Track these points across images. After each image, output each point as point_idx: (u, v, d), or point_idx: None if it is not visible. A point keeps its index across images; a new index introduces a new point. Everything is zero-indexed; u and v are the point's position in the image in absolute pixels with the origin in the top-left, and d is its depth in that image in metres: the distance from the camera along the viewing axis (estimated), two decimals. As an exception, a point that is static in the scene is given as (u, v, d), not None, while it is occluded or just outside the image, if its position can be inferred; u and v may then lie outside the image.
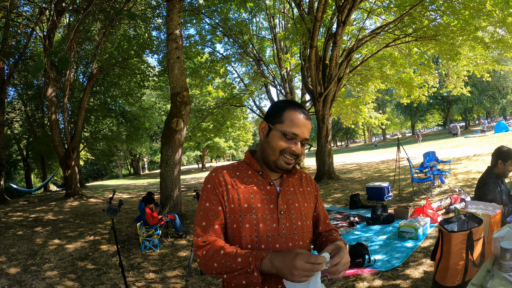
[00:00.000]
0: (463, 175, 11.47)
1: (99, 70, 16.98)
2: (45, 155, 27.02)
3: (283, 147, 1.52)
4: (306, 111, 1.59)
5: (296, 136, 1.52)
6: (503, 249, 2.07)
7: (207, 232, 1.46)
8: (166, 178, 9.84)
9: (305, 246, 1.56)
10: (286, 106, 1.57)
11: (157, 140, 51.24)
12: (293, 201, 1.58)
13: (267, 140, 1.57)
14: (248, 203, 1.49)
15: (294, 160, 1.55)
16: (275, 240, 1.47)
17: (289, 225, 1.51)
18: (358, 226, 7.40)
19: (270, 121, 1.58)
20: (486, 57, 16.19)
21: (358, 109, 23.07)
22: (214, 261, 1.38)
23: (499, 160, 3.82)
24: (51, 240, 8.14)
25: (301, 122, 1.53)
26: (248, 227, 1.47)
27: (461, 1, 12.26)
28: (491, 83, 47.05)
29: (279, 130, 1.52)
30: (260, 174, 1.58)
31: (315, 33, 13.34)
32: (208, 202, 1.51)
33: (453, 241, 2.57)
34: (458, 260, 2.57)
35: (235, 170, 1.59)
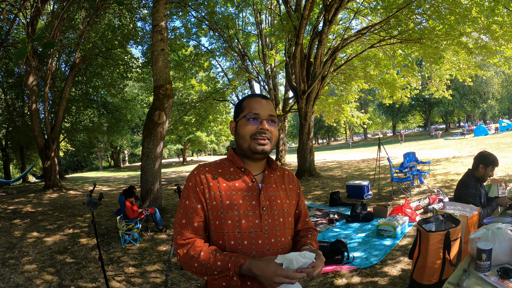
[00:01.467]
0: (442, 176, 11.68)
1: (82, 59, 16.72)
2: (25, 145, 26.55)
3: (251, 131, 1.55)
4: (264, 95, 1.65)
5: (258, 115, 1.56)
6: (479, 249, 2.14)
7: (187, 230, 1.49)
8: (146, 171, 9.77)
9: (287, 242, 1.58)
10: (244, 98, 1.65)
11: (138, 133, 50.79)
12: (275, 198, 1.59)
13: (237, 133, 1.61)
14: (230, 200, 1.51)
15: (267, 141, 1.57)
16: (258, 236, 1.49)
17: (271, 221, 1.53)
18: (338, 223, 7.49)
19: (235, 118, 1.65)
20: (469, 62, 16.48)
21: (341, 108, 23.27)
22: (195, 261, 1.42)
23: (481, 164, 3.94)
24: (29, 233, 8.01)
25: (259, 102, 1.59)
26: (230, 223, 1.49)
27: (447, 6, 12.42)
28: (473, 87, 47.99)
29: (242, 117, 1.58)
30: (242, 171, 1.59)
31: (301, 30, 13.38)
32: (188, 200, 1.53)
33: (430, 240, 2.64)
34: (435, 259, 2.64)
35: (217, 168, 1.61)
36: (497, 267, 2.14)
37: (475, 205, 3.64)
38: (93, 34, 17.67)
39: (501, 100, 57.07)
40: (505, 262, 2.21)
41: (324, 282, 4.53)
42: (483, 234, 2.32)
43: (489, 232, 2.31)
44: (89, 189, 18.16)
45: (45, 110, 16.43)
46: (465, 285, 2.02)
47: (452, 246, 2.65)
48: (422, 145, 29.52)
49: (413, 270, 2.88)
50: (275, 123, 1.61)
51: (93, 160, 57.81)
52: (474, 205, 3.63)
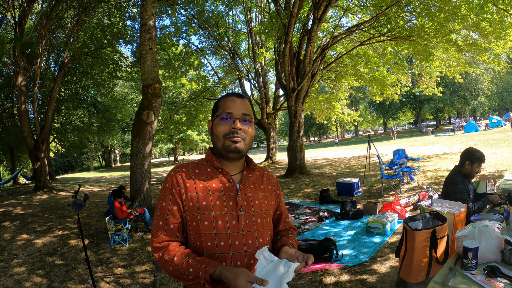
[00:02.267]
0: (432, 173, 11.75)
1: (71, 59, 16.58)
2: (14, 146, 26.29)
3: (224, 130, 1.56)
4: (239, 94, 1.65)
5: (231, 114, 1.56)
6: (465, 248, 2.13)
7: (163, 232, 1.50)
8: (136, 171, 9.72)
9: (265, 243, 1.57)
10: (220, 98, 1.66)
11: (129, 132, 50.42)
12: (253, 198, 1.58)
13: (212, 133, 1.61)
14: (206, 200, 1.51)
15: (240, 138, 1.56)
16: (235, 237, 1.49)
17: (249, 222, 1.53)
18: (327, 221, 7.50)
19: (212, 117, 1.65)
20: (459, 59, 16.56)
21: (331, 105, 23.33)
22: (169, 265, 1.43)
23: (467, 161, 3.97)
24: (19, 235, 7.94)
25: (232, 101, 1.59)
26: (207, 224, 1.48)
27: (436, 4, 12.48)
28: (463, 84, 48.29)
29: (217, 115, 1.58)
30: (219, 171, 1.59)
31: (290, 28, 13.39)
32: (164, 202, 1.54)
33: (416, 238, 2.64)
34: (421, 257, 2.64)
35: (195, 168, 1.60)
36: (484, 266, 2.14)
37: (463, 201, 3.66)
38: (82, 33, 17.53)
39: (491, 97, 57.55)
40: (492, 260, 2.22)
41: (313, 280, 4.54)
42: (470, 232, 2.32)
43: (476, 230, 2.31)
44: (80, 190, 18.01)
45: (34, 111, 16.27)
46: (451, 284, 2.02)
47: (439, 244, 2.65)
48: (413, 142, 29.72)
49: (399, 268, 2.89)
50: (250, 123, 1.61)
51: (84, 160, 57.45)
52: (463, 200, 3.64)
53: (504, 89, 57.06)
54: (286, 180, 14.43)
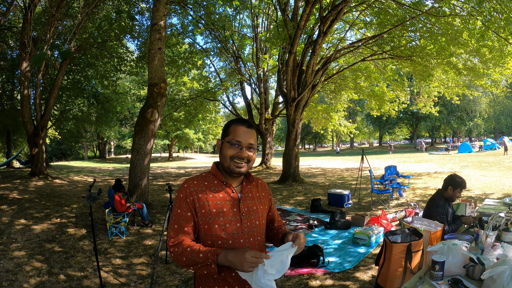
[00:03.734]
0: (421, 191, 12.06)
1: (77, 49, 16.79)
2: (12, 129, 26.35)
3: (231, 154, 1.88)
4: (249, 123, 1.97)
5: (240, 143, 1.88)
6: (434, 261, 2.49)
7: (178, 234, 1.82)
8: (136, 166, 9.98)
9: (262, 239, 1.97)
10: (232, 122, 1.96)
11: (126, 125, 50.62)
12: (252, 205, 1.96)
13: (221, 152, 1.94)
14: (216, 208, 1.85)
15: (244, 164, 1.90)
16: (239, 237, 1.85)
17: (250, 224, 1.90)
18: (317, 229, 7.82)
19: (222, 137, 1.97)
20: (458, 81, 16.92)
21: (329, 116, 23.65)
22: (183, 256, 1.74)
23: (450, 186, 4.34)
24: (17, 220, 8.17)
25: (243, 131, 1.90)
26: (217, 227, 1.83)
27: (439, 27, 12.81)
28: (461, 105, 48.75)
29: (226, 141, 1.90)
30: (224, 184, 1.94)
31: (296, 40, 13.69)
32: (179, 209, 1.86)
33: (394, 250, 2.99)
34: (397, 267, 2.99)
35: (204, 181, 1.94)
36: (449, 278, 2.49)
37: (442, 222, 4.00)
38: (90, 24, 17.71)
39: (487, 119, 58.03)
40: (456, 274, 2.57)
41: (299, 283, 4.85)
42: (440, 248, 2.67)
43: (445, 247, 2.66)
44: (74, 179, 18.24)
45: (36, 97, 16.46)
46: (418, 290, 2.37)
47: (414, 257, 2.99)
48: (406, 158, 30.11)
49: (378, 275, 3.23)
50: (254, 149, 1.94)
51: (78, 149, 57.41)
52: (441, 222, 3.99)
53: (501, 113, 57.47)
54: (279, 186, 14.71)
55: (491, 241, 3.05)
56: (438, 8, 11.88)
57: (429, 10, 11.92)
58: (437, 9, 11.89)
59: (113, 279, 5.11)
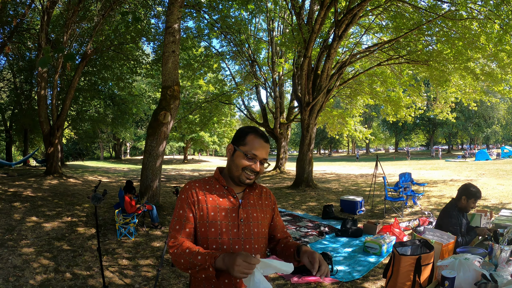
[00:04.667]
0: (436, 199, 11.82)
1: (94, 51, 16.98)
2: (29, 128, 26.79)
3: (244, 165, 1.83)
4: (266, 136, 1.93)
5: (256, 157, 1.83)
6: (443, 276, 2.36)
7: (179, 234, 1.79)
8: (147, 168, 10.00)
9: (260, 248, 1.89)
10: (249, 132, 1.89)
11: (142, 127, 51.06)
12: (252, 212, 1.90)
13: (232, 159, 1.88)
14: (214, 212, 1.81)
15: (254, 176, 1.87)
16: (235, 242, 1.80)
17: (247, 231, 1.84)
18: (327, 236, 7.69)
19: (235, 143, 1.90)
20: (475, 87, 16.63)
21: (345, 121, 23.50)
22: (181, 258, 1.69)
23: (463, 196, 4.16)
24: (28, 217, 8.26)
25: (261, 145, 1.85)
26: (213, 231, 1.79)
27: (456, 30, 12.60)
28: (478, 111, 47.95)
29: (242, 151, 1.84)
30: (225, 189, 1.90)
31: (310, 44, 13.61)
32: (181, 210, 1.83)
33: (402, 263, 2.86)
34: (405, 281, 2.86)
35: (206, 184, 1.91)
36: (459, 294, 2.36)
37: (455, 234, 3.85)
38: (107, 27, 17.91)
39: (505, 126, 57.05)
40: (467, 291, 2.42)
41: (307, 291, 4.75)
42: (450, 263, 2.54)
43: (456, 261, 2.52)
44: (89, 178, 18.39)
45: (53, 97, 16.72)
46: (427, 305, 2.24)
47: (423, 271, 2.86)
48: (422, 165, 29.66)
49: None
50: (264, 164, 1.90)
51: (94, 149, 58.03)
52: (454, 233, 3.83)
53: (520, 120, 56.49)
54: (292, 191, 14.60)
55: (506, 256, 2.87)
56: (454, 11, 11.70)
57: (446, 14, 11.76)
58: (453, 12, 11.72)
59: (118, 279, 5.09)
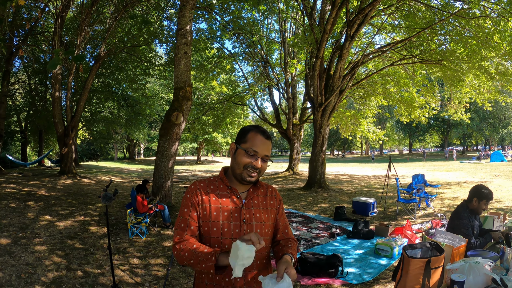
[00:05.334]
0: (449, 201, 11.65)
1: (107, 53, 17.15)
2: (44, 129, 27.20)
3: (246, 162, 1.84)
4: (267, 133, 1.93)
5: (257, 153, 1.84)
6: (452, 280, 2.32)
7: (184, 232, 1.83)
8: (160, 168, 10.07)
9: (262, 249, 1.88)
10: (250, 129, 1.92)
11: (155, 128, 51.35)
12: (255, 212, 1.90)
13: (234, 157, 1.91)
14: (217, 211, 1.85)
15: (256, 174, 1.87)
16: None
17: (249, 231, 1.84)
18: (339, 238, 7.64)
19: (237, 142, 1.92)
20: (489, 86, 16.39)
21: (358, 122, 23.35)
22: (186, 251, 1.73)
23: (475, 197, 4.08)
24: (42, 216, 8.37)
25: (261, 142, 1.86)
26: (215, 230, 1.83)
27: (469, 29, 12.45)
28: (493, 112, 47.25)
29: (243, 148, 1.86)
30: (229, 189, 1.91)
31: (322, 44, 13.56)
32: (186, 209, 1.86)
33: (411, 266, 2.81)
34: (414, 284, 2.80)
35: (210, 184, 1.94)
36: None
37: (467, 236, 3.77)
38: (120, 29, 18.08)
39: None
40: (477, 296, 2.38)
41: (316, 292, 4.73)
42: (460, 266, 2.50)
43: (466, 265, 2.48)
44: (102, 179, 18.58)
45: (67, 99, 16.93)
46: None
47: (433, 274, 2.80)
48: (436, 166, 29.34)
49: (394, 290, 3.06)
50: (267, 161, 1.90)
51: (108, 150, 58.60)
52: (466, 235, 3.76)
53: (536, 120, 55.39)
54: (305, 192, 14.56)
55: (519, 260, 2.84)
56: (467, 10, 11.55)
57: (459, 12, 11.61)
58: (466, 11, 11.56)
59: (129, 278, 5.13)
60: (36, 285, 4.72)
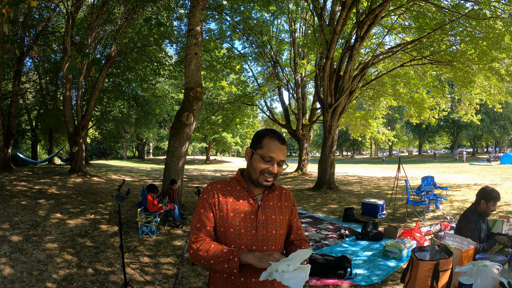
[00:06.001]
0: (459, 203, 11.56)
1: (118, 53, 17.27)
2: (54, 128, 27.45)
3: (262, 168, 1.87)
4: (282, 137, 1.94)
5: (273, 159, 1.87)
6: (460, 283, 2.34)
7: (200, 232, 1.87)
8: (170, 168, 10.13)
9: (277, 249, 1.94)
10: (265, 134, 1.93)
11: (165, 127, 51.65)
12: (271, 214, 1.94)
13: (250, 162, 1.93)
14: (234, 212, 1.88)
15: (272, 178, 1.90)
16: (253, 243, 1.86)
17: (265, 232, 1.89)
18: (347, 239, 7.64)
19: (253, 146, 1.95)
20: (500, 88, 16.27)
21: (368, 123, 23.27)
22: (205, 251, 1.78)
23: (482, 199, 4.07)
24: (53, 214, 8.48)
25: (277, 147, 1.88)
26: (232, 231, 1.87)
27: (480, 29, 12.37)
28: (504, 113, 46.83)
29: (259, 154, 1.88)
30: (246, 190, 1.95)
31: (332, 45, 13.55)
32: (203, 209, 1.90)
33: (420, 268, 2.83)
34: (422, 286, 2.82)
35: (227, 185, 1.97)
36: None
37: (473, 239, 3.78)
38: (130, 29, 18.20)
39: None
40: (485, 299, 2.39)
41: (325, 293, 4.75)
42: (468, 269, 2.51)
43: (475, 268, 2.50)
44: (112, 177, 18.72)
45: (78, 98, 17.13)
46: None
47: (441, 277, 2.82)
48: (446, 168, 29.16)
49: (403, 292, 3.08)
50: (282, 165, 1.94)
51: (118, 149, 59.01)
52: (472, 239, 3.77)
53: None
54: (314, 193, 14.56)
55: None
56: (478, 10, 11.47)
57: (469, 13, 11.53)
58: (477, 11, 11.48)
59: (139, 276, 5.19)
60: (47, 282, 4.79)
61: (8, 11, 3.72)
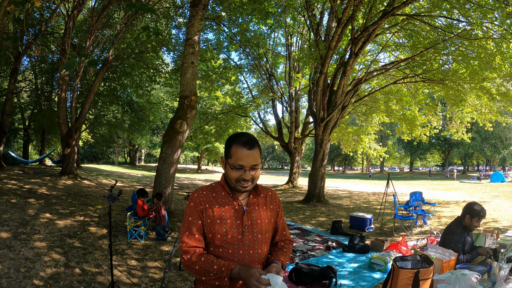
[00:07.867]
0: (447, 219, 11.67)
1: (115, 58, 17.35)
2: (47, 129, 27.37)
3: (235, 177, 1.91)
4: (251, 142, 1.91)
5: (243, 167, 1.88)
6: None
7: (190, 240, 1.91)
8: (161, 174, 10.17)
9: (263, 253, 2.00)
10: (232, 142, 1.93)
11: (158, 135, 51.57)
12: (256, 218, 2.00)
13: (226, 171, 1.99)
14: (220, 218, 1.93)
15: (249, 184, 1.93)
16: (239, 248, 1.93)
17: (251, 237, 1.95)
18: (334, 251, 7.71)
19: (225, 155, 1.99)
20: (491, 107, 16.53)
21: (360, 138, 23.44)
22: (196, 264, 1.84)
23: (467, 214, 4.21)
24: (42, 213, 8.50)
25: (244, 155, 1.87)
26: (219, 237, 1.92)
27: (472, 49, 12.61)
28: (495, 132, 47.43)
29: (229, 164, 1.92)
30: (231, 196, 1.99)
31: (327, 60, 13.72)
32: (190, 217, 1.95)
33: (400, 276, 2.92)
34: (403, 294, 2.92)
35: (212, 192, 2.01)
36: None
37: (457, 251, 3.90)
38: (129, 35, 18.32)
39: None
40: (462, 306, 2.48)
41: (309, 301, 4.81)
42: (447, 277, 2.61)
43: (453, 276, 2.58)
44: (103, 181, 18.68)
45: (73, 100, 17.14)
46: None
47: (422, 285, 2.91)
48: (436, 185, 29.38)
49: (384, 300, 3.16)
50: (258, 168, 1.95)
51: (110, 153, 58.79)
52: (456, 251, 3.88)
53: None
54: (303, 206, 14.62)
55: (505, 274, 2.91)
56: (470, 31, 11.71)
57: (461, 33, 11.75)
58: (469, 31, 11.71)
59: (126, 278, 5.23)
60: (34, 280, 4.82)
61: (13, 10, 3.81)
